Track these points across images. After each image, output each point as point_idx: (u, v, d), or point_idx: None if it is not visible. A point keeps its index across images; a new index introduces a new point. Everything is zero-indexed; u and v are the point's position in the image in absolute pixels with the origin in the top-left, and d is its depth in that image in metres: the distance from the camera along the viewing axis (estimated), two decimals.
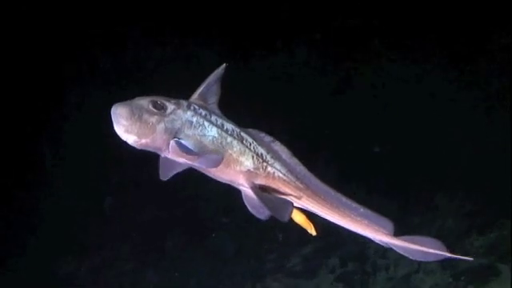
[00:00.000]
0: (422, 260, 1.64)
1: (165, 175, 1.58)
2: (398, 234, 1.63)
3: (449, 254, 1.60)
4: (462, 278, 4.25)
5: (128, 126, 1.47)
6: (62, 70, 5.78)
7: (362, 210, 1.64)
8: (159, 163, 1.57)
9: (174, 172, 1.58)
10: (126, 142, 1.49)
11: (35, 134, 5.75)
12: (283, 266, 4.88)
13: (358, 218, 1.64)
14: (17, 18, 5.66)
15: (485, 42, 5.42)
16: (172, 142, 1.49)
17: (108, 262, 5.24)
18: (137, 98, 1.52)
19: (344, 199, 1.65)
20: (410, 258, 1.64)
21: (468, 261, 1.78)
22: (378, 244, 1.63)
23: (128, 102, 1.50)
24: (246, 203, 1.60)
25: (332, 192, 1.64)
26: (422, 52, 5.66)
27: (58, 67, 5.78)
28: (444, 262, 3.81)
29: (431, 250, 1.61)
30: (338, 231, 5.63)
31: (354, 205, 1.65)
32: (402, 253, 1.64)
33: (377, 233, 1.65)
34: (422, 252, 1.61)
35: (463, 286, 4.19)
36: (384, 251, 4.78)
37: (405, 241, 1.63)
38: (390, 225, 1.65)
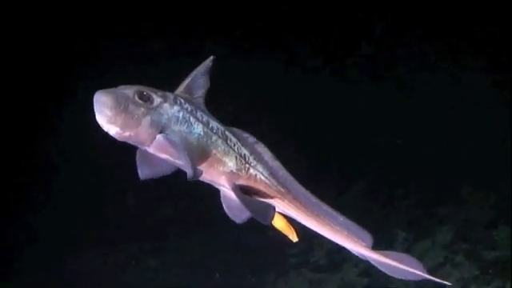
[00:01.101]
0: (399, 277, 1.60)
1: (144, 174, 1.49)
2: (377, 246, 1.58)
3: (427, 275, 1.57)
4: (490, 271, 4.19)
5: (112, 117, 1.38)
6: (61, 65, 5.73)
7: (341, 219, 1.60)
8: (137, 159, 1.48)
9: (154, 171, 1.49)
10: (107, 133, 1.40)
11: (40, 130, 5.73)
12: (307, 260, 4.85)
13: (338, 228, 1.60)
14: (16, 16, 5.62)
15: None
16: (160, 137, 1.41)
17: (132, 258, 5.26)
18: (121, 87, 1.43)
19: (325, 207, 1.60)
20: (387, 273, 1.60)
21: (446, 285, 1.73)
22: (404, 236, 1.57)
23: (112, 90, 1.42)
24: (224, 204, 1.55)
25: (313, 198, 1.59)
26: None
27: (58, 61, 5.74)
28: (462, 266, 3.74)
29: (409, 269, 1.57)
30: (362, 224, 5.56)
31: (334, 213, 1.61)
32: (379, 267, 1.61)
33: (355, 244, 1.61)
34: (400, 269, 1.58)
35: (490, 279, 4.12)
36: (410, 244, 4.73)
37: (383, 255, 1.59)
38: (368, 237, 1.61)
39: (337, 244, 1.66)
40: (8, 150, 5.69)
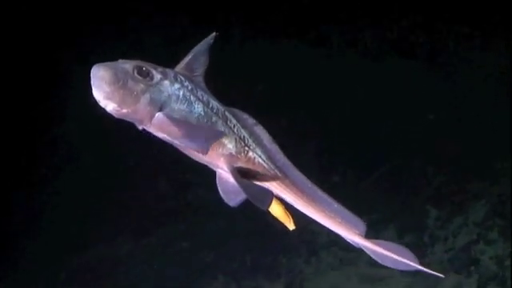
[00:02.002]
0: (391, 267, 1.58)
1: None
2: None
3: (419, 266, 1.55)
4: None
5: (110, 93, 1.31)
6: (63, 58, 5.72)
7: (336, 205, 1.57)
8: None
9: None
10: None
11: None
12: (337, 239, 4.82)
13: (332, 214, 1.57)
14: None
15: None
16: (159, 115, 1.36)
17: (163, 241, 5.30)
18: (121, 61, 1.36)
19: (320, 192, 1.56)
20: (379, 262, 1.58)
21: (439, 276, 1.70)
22: (436, 214, 1.55)
23: (111, 64, 1.34)
24: (219, 187, 1.51)
25: (309, 184, 1.55)
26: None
27: (58, 52, 5.74)
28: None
29: (401, 259, 1.55)
30: (394, 202, 5.55)
31: (329, 200, 1.57)
32: (371, 256, 1.58)
33: (349, 232, 1.59)
34: (393, 259, 1.55)
35: None
36: (443, 221, 4.67)
37: (375, 244, 1.57)
38: (362, 225, 1.59)
39: (368, 222, 1.64)
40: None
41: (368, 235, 1.59)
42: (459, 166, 4.93)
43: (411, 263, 1.55)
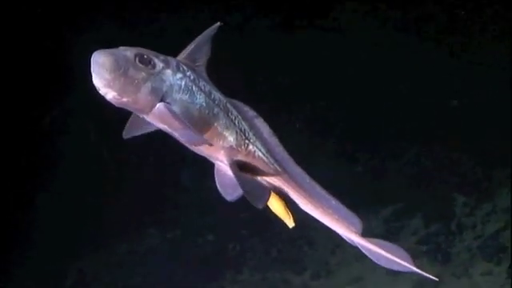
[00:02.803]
0: (386, 266, 1.55)
1: (129, 133, 1.44)
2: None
3: (414, 268, 1.52)
4: None
5: (110, 81, 1.26)
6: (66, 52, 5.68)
7: (333, 202, 1.53)
8: (129, 120, 1.42)
9: (140, 132, 1.44)
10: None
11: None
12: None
13: (330, 211, 1.53)
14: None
15: None
16: (160, 106, 1.31)
17: (190, 234, 5.33)
18: (122, 48, 1.31)
19: (318, 188, 1.52)
20: (375, 261, 1.56)
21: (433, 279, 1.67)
22: (463, 202, 1.52)
23: (112, 50, 1.29)
24: (217, 180, 1.48)
25: (307, 179, 1.51)
26: None
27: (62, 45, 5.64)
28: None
29: (397, 259, 1.52)
30: (419, 190, 5.49)
31: (328, 196, 1.53)
32: (367, 255, 1.56)
33: (346, 230, 1.55)
34: (388, 259, 1.53)
35: None
36: (471, 209, 4.61)
37: (372, 243, 1.54)
38: (358, 223, 1.55)
39: (393, 213, 1.61)
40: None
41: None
42: (485, 153, 4.86)
43: (406, 264, 1.52)
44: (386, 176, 5.16)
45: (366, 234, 1.56)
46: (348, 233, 1.55)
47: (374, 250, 1.54)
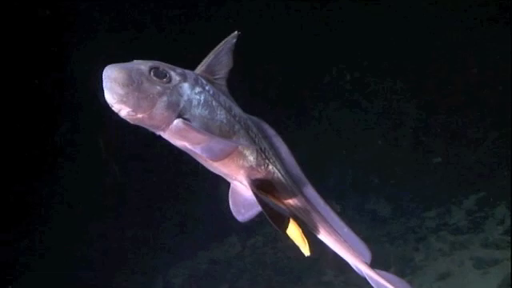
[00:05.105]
0: None
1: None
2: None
3: None
4: None
5: (123, 96, 1.18)
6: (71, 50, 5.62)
7: (345, 229, 1.46)
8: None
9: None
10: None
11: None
12: (446, 222, 4.67)
13: (341, 238, 1.46)
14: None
15: None
16: (178, 122, 1.22)
17: (270, 239, 5.36)
18: (136, 61, 1.23)
19: (332, 214, 1.45)
20: None
21: None
22: None
23: (124, 64, 1.21)
24: (230, 199, 1.39)
25: (322, 203, 1.43)
26: None
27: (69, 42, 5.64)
28: None
29: None
30: (502, 177, 5.28)
31: (340, 223, 1.46)
32: (373, 285, 1.50)
33: (355, 259, 1.48)
34: None
35: None
36: None
37: (379, 275, 1.48)
38: (368, 253, 1.49)
39: (476, 203, 1.57)
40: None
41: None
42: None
43: None
44: (465, 165, 5.02)
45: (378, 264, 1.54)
46: (357, 262, 1.49)
47: (381, 282, 1.48)
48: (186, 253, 5.43)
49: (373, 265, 1.50)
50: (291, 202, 1.41)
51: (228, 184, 1.41)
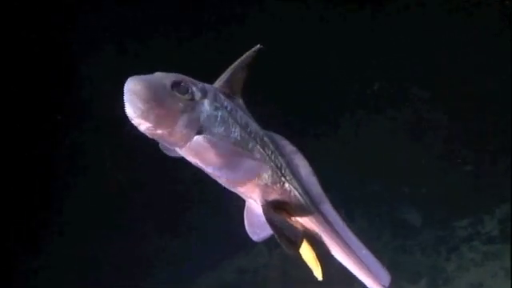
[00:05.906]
0: None
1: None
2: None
3: None
4: None
5: (145, 111, 1.16)
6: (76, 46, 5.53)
7: (364, 251, 1.42)
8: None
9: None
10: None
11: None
12: (478, 232, 4.59)
13: (359, 260, 1.42)
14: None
15: None
16: (199, 139, 1.20)
17: None
18: (157, 74, 1.21)
19: (350, 234, 1.40)
20: None
21: None
22: None
23: (147, 77, 1.18)
24: (246, 218, 1.38)
25: (341, 223, 1.39)
26: None
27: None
28: None
29: None
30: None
31: (359, 243, 1.42)
32: None
33: (374, 283, 1.44)
34: None
35: None
36: None
37: None
38: (386, 276, 1.45)
39: (508, 211, 1.51)
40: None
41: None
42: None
43: None
44: (498, 173, 4.94)
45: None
46: (375, 286, 1.45)
47: None
48: (211, 262, 5.42)
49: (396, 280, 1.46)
50: (307, 221, 1.38)
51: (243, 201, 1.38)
